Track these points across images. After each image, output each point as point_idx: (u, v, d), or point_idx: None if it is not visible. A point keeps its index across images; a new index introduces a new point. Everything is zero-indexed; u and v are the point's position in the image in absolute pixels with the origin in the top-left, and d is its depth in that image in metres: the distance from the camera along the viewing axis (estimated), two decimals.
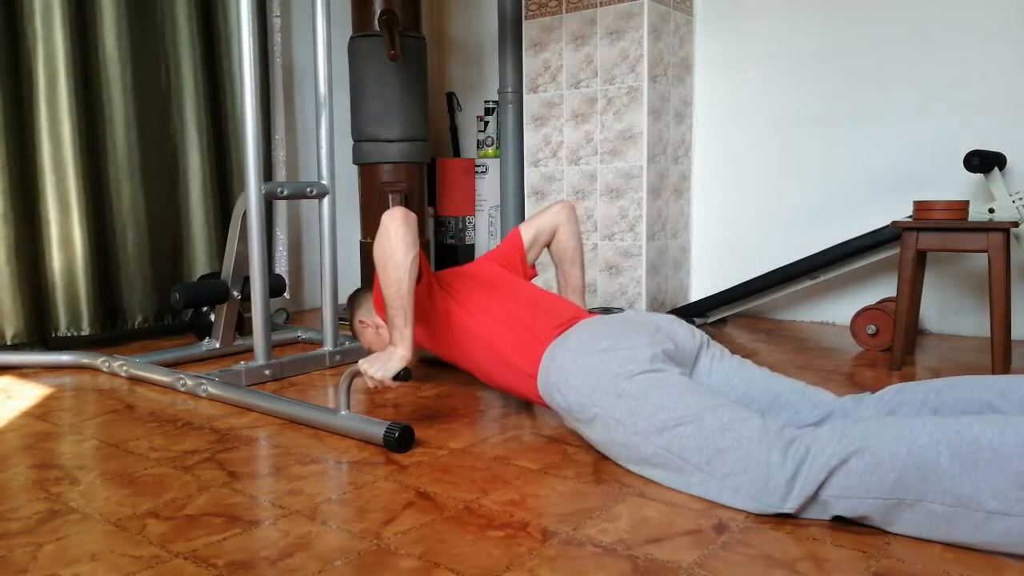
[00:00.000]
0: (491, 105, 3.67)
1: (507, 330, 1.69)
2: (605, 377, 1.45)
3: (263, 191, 2.18)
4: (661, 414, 1.35)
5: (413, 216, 1.65)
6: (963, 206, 2.23)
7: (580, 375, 1.49)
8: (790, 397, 1.51)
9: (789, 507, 1.20)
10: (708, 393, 1.37)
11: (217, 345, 2.55)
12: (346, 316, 2.19)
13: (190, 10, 2.99)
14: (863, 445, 1.15)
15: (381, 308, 1.82)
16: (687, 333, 1.62)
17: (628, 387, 1.41)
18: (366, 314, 2.06)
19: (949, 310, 2.84)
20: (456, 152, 3.99)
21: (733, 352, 1.66)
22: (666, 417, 1.34)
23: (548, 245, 2.15)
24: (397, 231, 1.62)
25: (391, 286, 1.63)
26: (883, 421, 1.20)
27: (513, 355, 1.66)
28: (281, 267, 3.38)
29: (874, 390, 1.48)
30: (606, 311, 2.86)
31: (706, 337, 1.65)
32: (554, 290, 2.13)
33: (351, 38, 3.22)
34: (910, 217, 2.38)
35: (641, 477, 1.42)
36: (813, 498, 1.19)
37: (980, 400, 1.31)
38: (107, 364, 2.33)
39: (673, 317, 1.65)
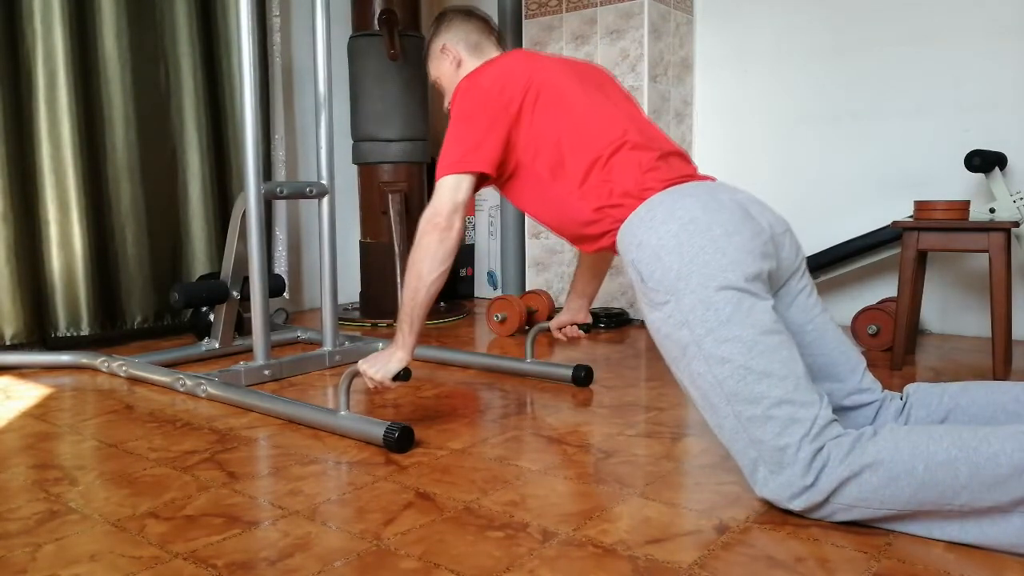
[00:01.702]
0: None
1: (615, 151, 1.47)
2: (701, 271, 1.29)
3: (263, 191, 2.17)
4: (733, 346, 1.24)
5: (457, 227, 1.53)
6: (964, 206, 2.23)
7: (676, 252, 1.31)
8: (844, 372, 1.42)
9: (796, 506, 1.20)
10: (787, 347, 1.26)
11: (216, 345, 2.55)
12: (427, 44, 1.84)
13: (190, 10, 2.99)
14: (878, 459, 1.14)
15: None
16: (792, 252, 1.44)
17: (717, 297, 1.27)
18: (453, 40, 1.77)
19: (950, 310, 2.83)
20: None
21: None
22: (736, 352, 1.24)
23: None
24: (430, 244, 1.53)
25: (408, 293, 1.58)
26: (898, 433, 1.17)
27: (604, 184, 1.46)
28: (281, 267, 3.38)
29: (888, 391, 1.46)
30: (607, 311, 2.84)
31: (804, 262, 1.48)
32: (567, 282, 2.00)
33: (351, 38, 3.22)
34: (911, 217, 2.37)
35: (641, 477, 1.42)
36: (822, 503, 1.18)
37: (994, 404, 1.30)
38: (106, 364, 2.33)
39: (787, 225, 1.46)
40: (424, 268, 1.54)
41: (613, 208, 1.44)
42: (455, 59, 1.76)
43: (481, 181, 1.58)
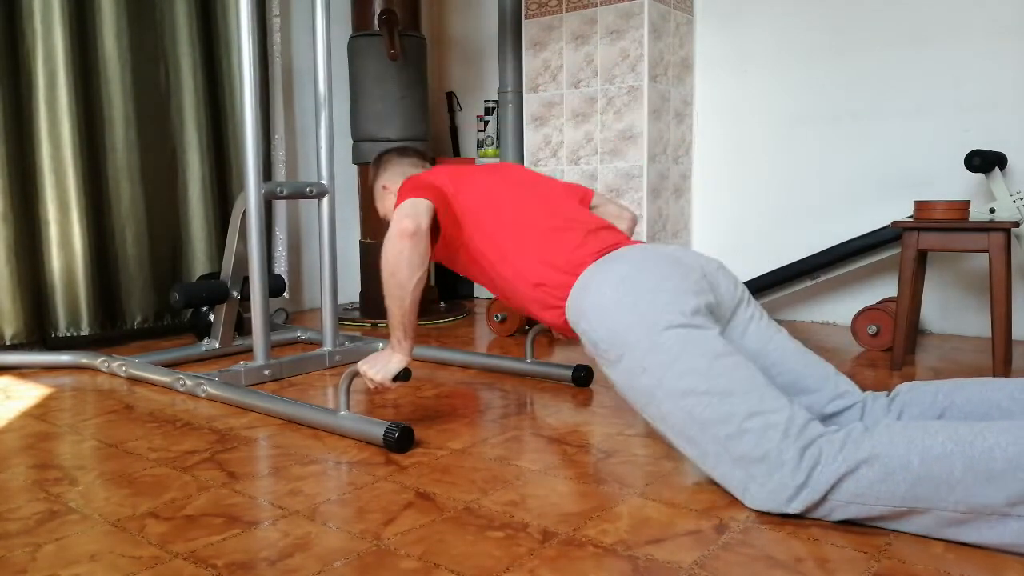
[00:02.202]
0: (491, 105, 3.67)
1: (546, 242, 1.58)
2: (643, 321, 1.36)
3: (263, 191, 2.17)
4: (691, 377, 1.29)
5: (425, 227, 1.57)
6: (964, 206, 2.23)
7: (616, 310, 1.40)
8: (816, 382, 1.46)
9: (793, 508, 1.20)
10: (743, 366, 1.31)
11: (216, 345, 2.55)
12: (371, 183, 2.00)
13: (190, 10, 2.99)
14: (873, 454, 1.14)
15: (407, 190, 1.74)
16: (730, 286, 1.52)
17: (664, 339, 1.33)
18: (391, 179, 1.91)
19: (950, 310, 2.83)
20: (456, 152, 3.98)
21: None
22: (696, 382, 1.29)
23: None
24: (402, 250, 1.55)
25: (393, 302, 1.59)
26: (893, 428, 1.18)
27: (544, 269, 1.56)
28: (281, 267, 3.38)
29: (876, 390, 1.48)
30: None
31: (747, 293, 1.55)
32: None
33: (351, 38, 3.22)
34: (911, 217, 2.37)
35: (641, 477, 1.42)
36: (820, 502, 1.18)
37: (989, 402, 1.30)
38: (106, 364, 2.33)
39: (719, 263, 1.55)
40: (404, 276, 1.57)
41: (554, 288, 1.55)
42: (395, 193, 1.86)
43: (434, 235, 1.65)
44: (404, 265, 1.56)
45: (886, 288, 2.92)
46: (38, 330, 2.63)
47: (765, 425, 1.23)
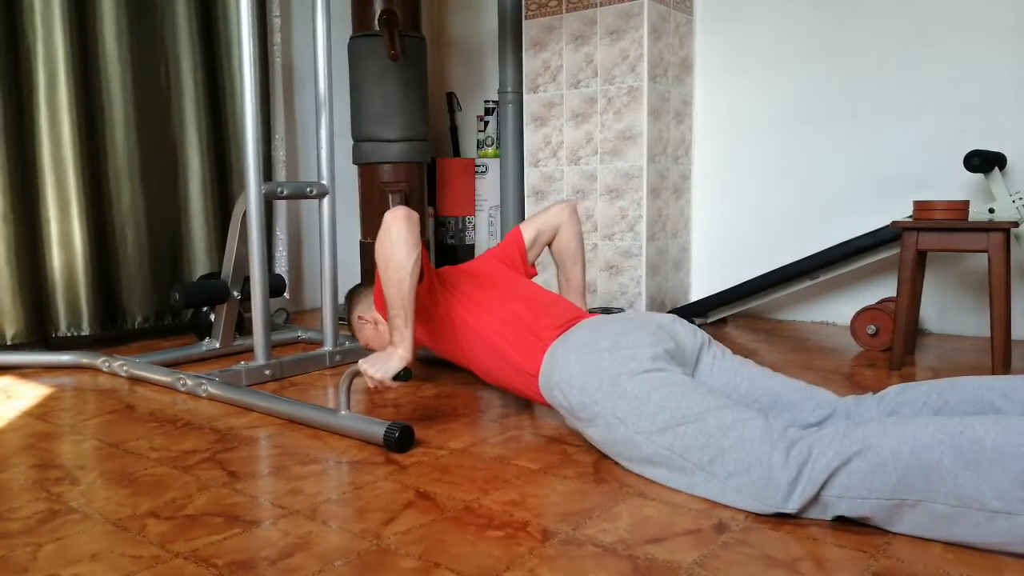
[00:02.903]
0: (491, 105, 3.67)
1: (508, 329, 1.69)
2: (607, 376, 1.45)
3: (263, 191, 2.18)
4: (663, 414, 1.35)
5: (416, 215, 1.64)
6: (963, 206, 2.23)
7: (582, 374, 1.49)
8: (792, 397, 1.51)
9: (791, 507, 1.20)
10: (710, 393, 1.37)
11: (217, 345, 2.55)
12: (345, 315, 2.18)
13: (190, 10, 2.99)
14: (865, 446, 1.15)
15: (381, 305, 1.83)
16: (688, 332, 1.62)
17: (630, 386, 1.41)
18: (365, 310, 2.06)
19: (949, 310, 2.84)
20: (456, 152, 3.99)
21: (735, 352, 1.66)
22: (668, 417, 1.34)
23: (550, 244, 2.14)
24: (399, 231, 1.61)
25: (392, 287, 1.62)
26: (885, 422, 1.20)
27: (514, 354, 1.66)
28: (281, 267, 3.38)
29: (875, 390, 1.48)
30: (606, 311, 2.86)
31: (707, 337, 1.65)
32: (554, 289, 2.13)
33: (351, 38, 3.22)
34: (910, 217, 2.38)
35: (642, 477, 1.42)
36: (815, 498, 1.19)
37: (981, 400, 1.31)
38: (107, 364, 2.33)
39: (674, 316, 1.65)
40: (402, 255, 1.61)
41: (524, 365, 1.64)
42: (373, 322, 2.04)
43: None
44: (401, 243, 1.60)
45: (885, 288, 2.93)
46: (39, 330, 2.63)
47: (741, 438, 1.26)
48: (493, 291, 1.81)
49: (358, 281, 3.50)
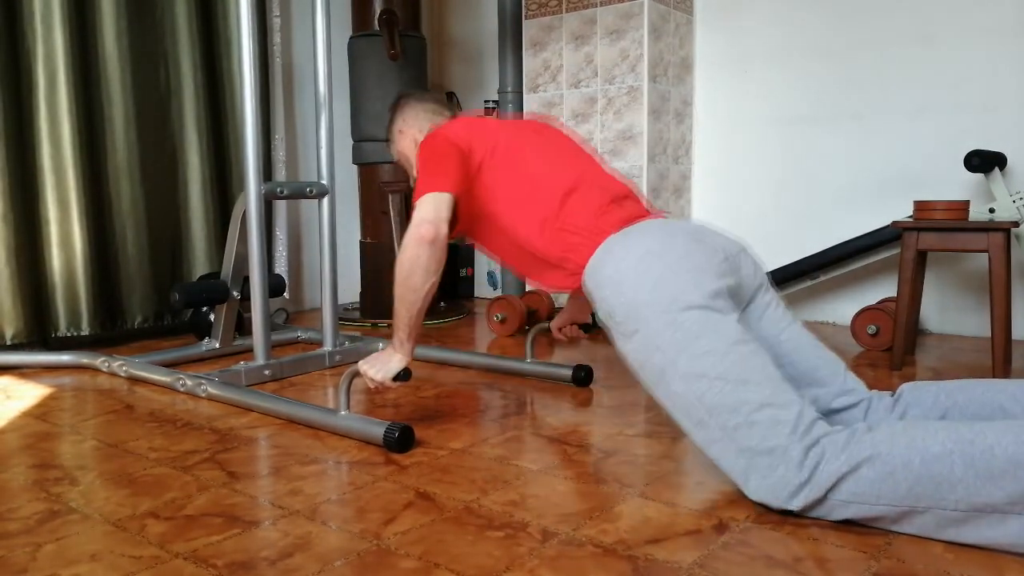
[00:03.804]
0: (491, 105, 3.67)
1: (563, 211, 1.54)
2: (663, 297, 1.34)
3: (263, 191, 2.17)
4: (706, 360, 1.28)
5: (442, 237, 1.54)
6: (963, 206, 2.23)
7: (637, 283, 1.38)
8: (826, 376, 1.45)
9: (794, 506, 1.20)
10: (759, 355, 1.30)
11: (217, 345, 2.55)
12: (385, 127, 1.98)
13: (190, 10, 2.99)
14: (874, 453, 1.14)
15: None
16: (751, 269, 1.50)
17: (683, 318, 1.31)
18: (408, 123, 1.88)
19: (949, 310, 2.83)
20: None
21: None
22: (710, 365, 1.28)
23: None
24: (419, 256, 1.53)
25: (404, 305, 1.59)
26: (895, 427, 1.18)
27: (562, 237, 1.53)
28: (281, 267, 3.38)
29: (881, 390, 1.47)
30: None
31: (767, 278, 1.54)
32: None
33: (351, 38, 3.22)
34: (910, 217, 2.38)
35: (641, 477, 1.42)
36: (821, 500, 1.18)
37: (991, 403, 1.30)
38: (107, 364, 2.33)
39: (742, 246, 1.53)
40: (417, 281, 1.56)
41: (572, 253, 1.52)
42: (413, 139, 1.86)
43: (453, 215, 1.61)
44: (420, 271, 1.55)
45: (886, 288, 2.92)
46: (38, 330, 2.63)
47: (774, 420, 1.22)
48: (559, 160, 1.63)
49: (358, 281, 3.50)
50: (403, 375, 1.63)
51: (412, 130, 1.87)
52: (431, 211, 1.54)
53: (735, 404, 1.25)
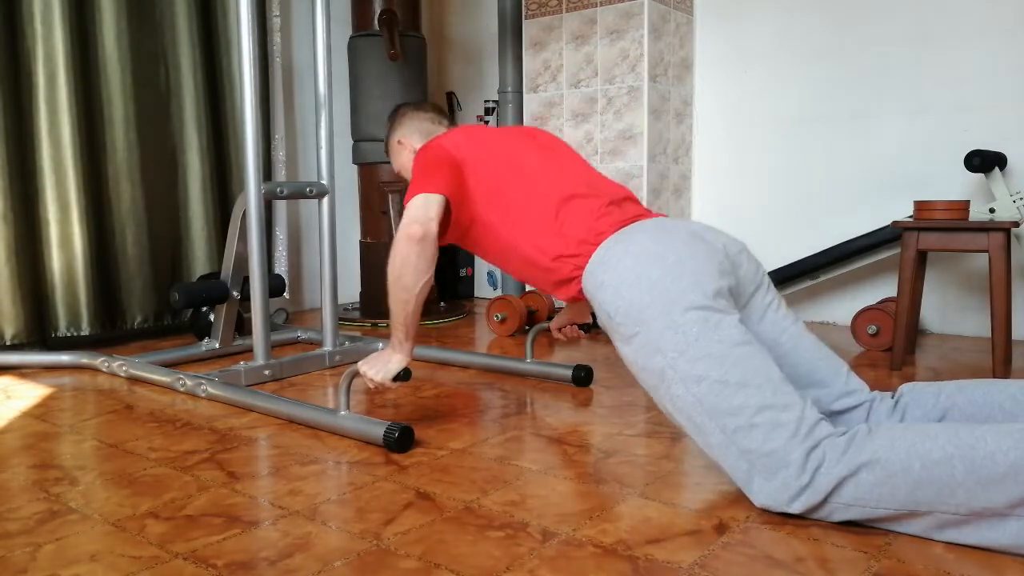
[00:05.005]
0: (491, 105, 3.67)
1: (560, 216, 1.54)
2: (663, 299, 1.33)
3: (263, 191, 2.17)
4: (706, 363, 1.27)
5: (432, 234, 1.55)
6: (964, 206, 2.23)
7: (635, 285, 1.37)
8: (827, 377, 1.44)
9: (794, 508, 1.20)
10: (759, 356, 1.29)
11: (217, 345, 2.55)
12: (384, 139, 1.99)
13: (190, 10, 2.99)
14: (874, 457, 1.14)
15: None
16: (751, 268, 1.49)
17: (683, 320, 1.30)
18: (407, 134, 1.89)
19: (950, 310, 2.83)
20: None
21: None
22: (710, 367, 1.27)
23: None
24: (409, 255, 1.54)
25: (398, 304, 1.59)
26: (894, 430, 1.17)
27: (559, 243, 1.52)
28: (281, 267, 3.38)
29: (881, 391, 1.47)
30: None
31: (767, 278, 1.52)
32: None
33: (351, 38, 3.22)
34: (910, 217, 2.37)
35: (641, 477, 1.42)
36: (821, 504, 1.18)
37: (991, 403, 1.30)
38: (107, 364, 2.33)
39: (742, 245, 1.52)
40: (409, 280, 1.56)
41: (571, 257, 1.51)
42: (411, 149, 1.87)
43: (446, 221, 1.62)
44: (411, 270, 1.55)
45: (886, 288, 2.92)
46: (38, 330, 2.63)
47: (775, 422, 1.22)
48: (555, 165, 1.64)
49: (358, 280, 3.50)
50: (403, 375, 1.63)
51: (410, 140, 1.88)
52: (420, 211, 1.55)
53: (735, 407, 1.24)
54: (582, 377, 2.11)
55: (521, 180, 1.61)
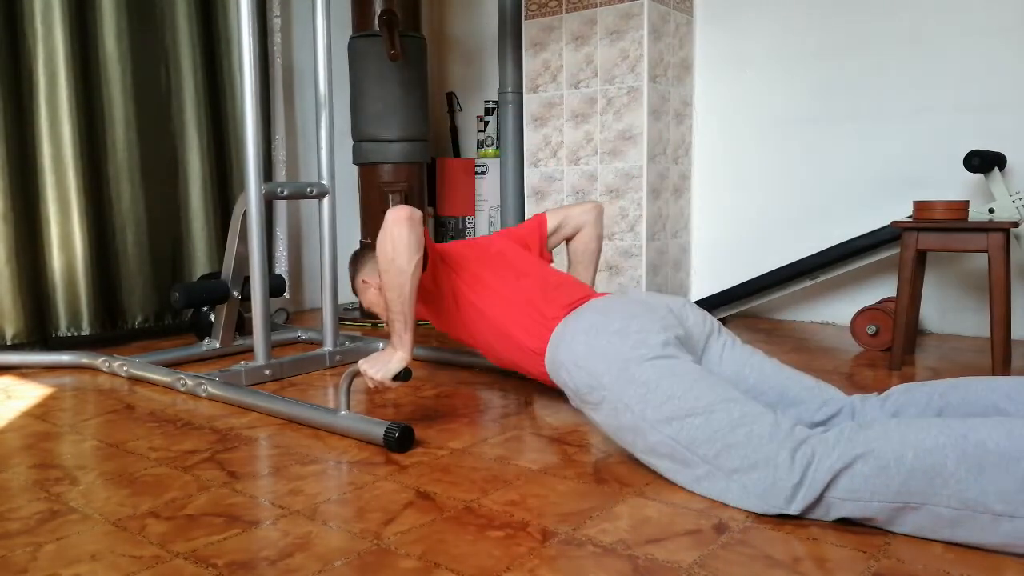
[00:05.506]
0: (491, 105, 3.67)
1: (515, 308, 1.70)
2: (616, 360, 1.42)
3: (263, 191, 2.18)
4: (671, 403, 1.33)
5: (418, 214, 1.63)
6: (963, 206, 2.23)
7: (589, 356, 1.47)
8: (800, 393, 1.49)
9: (794, 509, 1.20)
10: (720, 384, 1.35)
11: (217, 345, 2.55)
12: (349, 278, 2.15)
13: (190, 10, 2.99)
14: (868, 449, 1.15)
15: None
16: (698, 318, 1.60)
17: (639, 372, 1.38)
18: (369, 274, 2.02)
19: (949, 310, 2.84)
20: (456, 152, 3.99)
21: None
22: (676, 406, 1.32)
23: (569, 240, 2.16)
24: (400, 235, 1.59)
25: (393, 291, 1.62)
26: (888, 424, 1.19)
27: (520, 333, 1.68)
28: (281, 267, 3.38)
29: (875, 390, 1.48)
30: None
31: (717, 323, 1.63)
32: None
33: (351, 38, 3.22)
34: (910, 217, 2.38)
35: (641, 477, 1.42)
36: (818, 500, 1.19)
37: (985, 402, 1.30)
38: (107, 364, 2.33)
39: (685, 300, 1.64)
40: (403, 259, 1.60)
41: (529, 343, 1.66)
42: (376, 287, 2.00)
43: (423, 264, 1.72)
44: (403, 248, 1.59)
45: (885, 288, 2.93)
46: (39, 330, 2.63)
47: (749, 435, 1.25)
48: (501, 269, 1.81)
49: None
50: (403, 375, 1.63)
51: (374, 279, 1.99)
52: (402, 206, 1.63)
53: (709, 435, 1.28)
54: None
55: (481, 284, 1.79)
